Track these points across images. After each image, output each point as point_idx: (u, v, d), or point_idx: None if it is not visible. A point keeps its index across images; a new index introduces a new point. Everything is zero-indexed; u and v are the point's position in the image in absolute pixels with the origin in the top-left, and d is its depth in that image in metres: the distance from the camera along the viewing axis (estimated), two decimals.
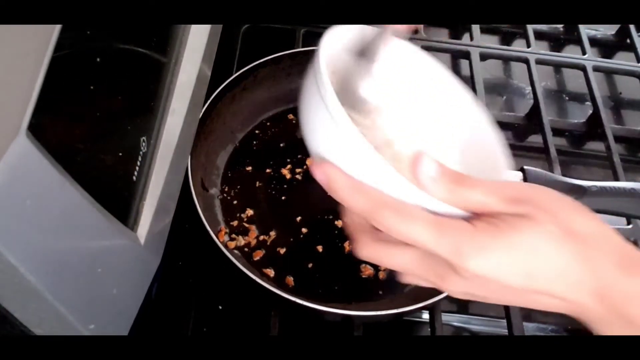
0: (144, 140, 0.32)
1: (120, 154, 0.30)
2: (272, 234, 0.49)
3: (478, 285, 0.27)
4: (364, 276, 0.48)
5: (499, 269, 0.26)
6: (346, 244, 0.49)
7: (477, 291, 0.27)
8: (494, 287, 0.27)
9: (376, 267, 0.49)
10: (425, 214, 0.26)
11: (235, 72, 0.53)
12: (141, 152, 0.31)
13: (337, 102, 0.25)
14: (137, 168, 0.31)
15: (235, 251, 0.48)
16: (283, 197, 0.51)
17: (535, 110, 0.62)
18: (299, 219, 0.50)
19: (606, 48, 0.73)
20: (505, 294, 0.27)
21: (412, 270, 0.28)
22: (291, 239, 0.49)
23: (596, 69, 0.66)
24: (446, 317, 0.48)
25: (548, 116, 0.61)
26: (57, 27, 0.22)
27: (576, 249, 0.26)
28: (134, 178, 0.31)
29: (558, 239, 0.26)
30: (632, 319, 0.26)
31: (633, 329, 0.26)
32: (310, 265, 0.48)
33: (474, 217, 0.27)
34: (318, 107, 0.26)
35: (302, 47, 0.60)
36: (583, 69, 0.65)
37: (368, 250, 0.29)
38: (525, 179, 0.47)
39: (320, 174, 0.27)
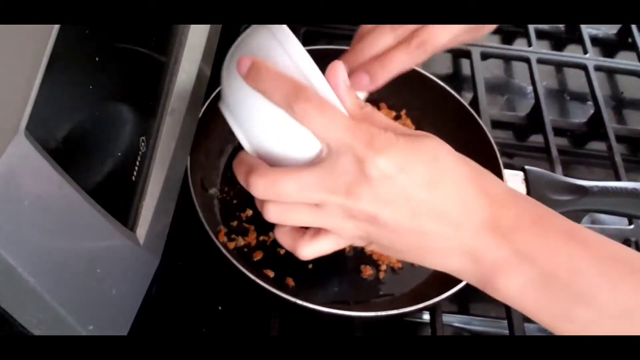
0: (143, 140, 0.32)
1: (120, 153, 0.30)
2: (272, 234, 0.49)
3: (383, 194, 0.26)
4: (364, 277, 0.48)
5: (407, 169, 0.26)
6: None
7: (379, 208, 0.27)
8: (397, 196, 0.26)
9: (377, 268, 0.49)
10: (343, 108, 0.27)
11: None
12: (140, 152, 0.31)
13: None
14: (136, 168, 0.31)
15: (235, 252, 0.48)
16: None
17: (536, 109, 0.61)
18: None
19: (608, 47, 0.73)
20: (406, 212, 0.27)
21: (314, 190, 0.27)
22: None
23: (598, 68, 0.66)
24: (447, 318, 0.47)
25: (549, 116, 0.60)
26: (57, 27, 0.22)
27: (469, 172, 0.28)
28: (133, 178, 0.31)
29: (457, 158, 0.28)
30: (520, 247, 0.26)
31: (535, 272, 0.26)
32: (310, 266, 0.48)
33: None
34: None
35: (303, 46, 0.60)
36: (584, 68, 0.65)
37: (264, 181, 0.28)
38: (526, 179, 0.47)
39: (244, 65, 0.28)
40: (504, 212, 0.27)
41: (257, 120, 0.30)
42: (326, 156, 0.28)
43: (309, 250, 0.30)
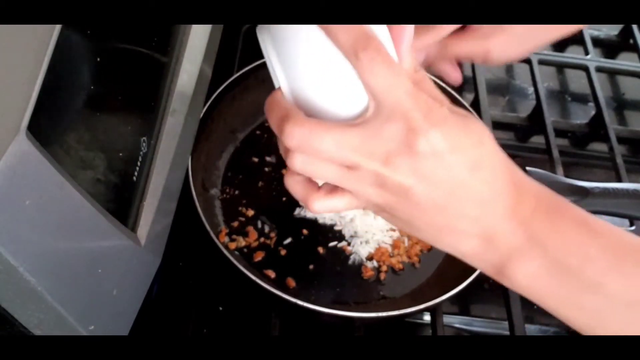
0: (144, 141, 0.32)
1: (121, 154, 0.30)
2: (273, 235, 0.49)
3: (424, 169, 0.26)
4: (365, 277, 0.48)
5: (457, 148, 0.26)
6: (346, 245, 0.49)
7: (416, 185, 0.26)
8: (438, 182, 0.26)
9: (377, 269, 0.49)
10: (405, 71, 0.26)
11: (236, 72, 0.53)
12: (141, 153, 0.31)
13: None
14: (137, 168, 0.31)
15: (236, 252, 0.48)
16: (284, 198, 0.51)
17: (537, 110, 0.61)
18: (300, 220, 0.50)
19: (609, 48, 0.73)
20: (442, 187, 0.26)
21: (352, 152, 0.26)
22: (292, 240, 0.49)
23: (599, 69, 0.65)
24: (447, 319, 0.47)
25: (550, 117, 0.60)
26: (57, 27, 0.22)
27: (506, 162, 0.28)
28: (134, 178, 0.31)
29: (496, 144, 0.27)
30: (535, 232, 0.27)
31: (533, 247, 0.27)
32: (311, 266, 0.48)
33: None
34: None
35: None
36: (586, 69, 0.65)
37: (301, 131, 0.25)
38: None
39: None
40: (525, 200, 0.27)
41: (306, 61, 0.27)
42: (372, 117, 0.26)
43: (322, 205, 0.28)
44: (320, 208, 0.28)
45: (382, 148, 0.25)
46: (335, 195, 0.28)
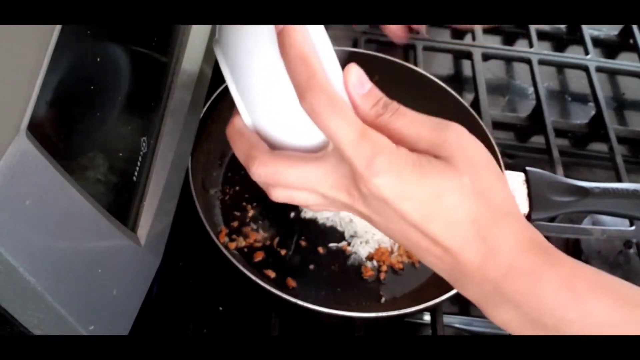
0: (144, 141, 0.32)
1: (121, 154, 0.30)
2: (273, 235, 0.49)
3: (375, 208, 0.26)
4: (365, 277, 0.48)
5: (401, 198, 0.25)
6: (345, 245, 0.49)
7: (372, 214, 0.27)
8: (389, 215, 0.26)
9: (377, 269, 0.49)
10: (355, 116, 0.26)
11: None
12: (141, 153, 0.31)
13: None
14: (137, 168, 0.31)
15: (236, 252, 0.48)
16: None
17: (537, 110, 0.61)
18: (300, 219, 0.50)
19: (609, 48, 0.73)
20: (397, 226, 0.26)
21: (316, 185, 0.27)
22: (292, 240, 0.49)
23: (599, 69, 0.65)
24: (448, 319, 0.47)
25: (550, 117, 0.60)
26: (58, 27, 0.22)
27: (479, 212, 0.26)
28: (134, 178, 0.31)
29: (468, 195, 0.25)
30: (505, 292, 0.26)
31: (503, 301, 0.26)
32: (311, 266, 0.48)
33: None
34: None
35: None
36: (586, 69, 0.65)
37: (266, 170, 0.27)
38: (527, 180, 0.47)
39: (293, 32, 0.25)
40: (495, 262, 0.26)
41: (264, 95, 0.27)
42: (332, 152, 0.27)
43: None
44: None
45: (342, 182, 0.27)
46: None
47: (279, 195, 0.28)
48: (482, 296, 0.27)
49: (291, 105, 0.26)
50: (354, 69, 0.27)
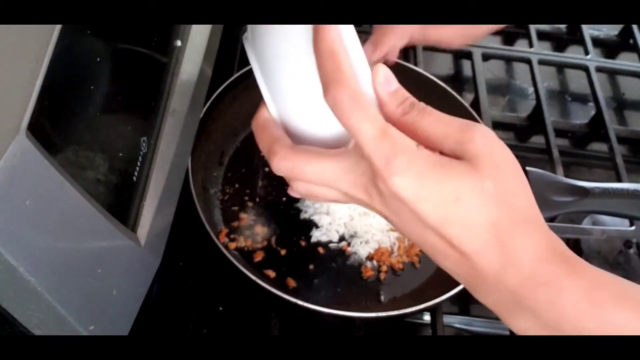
0: (144, 141, 0.32)
1: (121, 154, 0.30)
2: (273, 234, 0.49)
3: (393, 208, 0.26)
4: (365, 277, 0.48)
5: (419, 199, 0.25)
6: (345, 245, 0.49)
7: (390, 214, 0.27)
8: (407, 216, 0.26)
9: (377, 269, 0.49)
10: (378, 114, 0.26)
11: (237, 72, 0.53)
12: (141, 153, 0.31)
13: None
14: (137, 168, 0.31)
15: (236, 252, 0.48)
16: (284, 198, 0.51)
17: (537, 110, 0.61)
18: (300, 219, 0.50)
19: (609, 48, 0.73)
20: (414, 227, 0.26)
21: (334, 182, 0.27)
22: (292, 240, 0.49)
23: (599, 69, 0.65)
24: (448, 319, 0.47)
25: (550, 117, 0.60)
26: (57, 27, 0.22)
27: (499, 217, 0.25)
28: (134, 178, 0.31)
29: (488, 200, 0.25)
30: (524, 301, 0.25)
31: (521, 309, 0.25)
32: (311, 266, 0.48)
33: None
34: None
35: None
36: (586, 69, 0.65)
37: (286, 163, 0.27)
38: (527, 180, 0.47)
39: (327, 28, 0.26)
40: (513, 269, 0.25)
41: (291, 87, 0.28)
42: (352, 149, 0.27)
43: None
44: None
45: (360, 180, 0.27)
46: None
47: (299, 188, 0.29)
48: (500, 304, 0.26)
49: (316, 99, 0.27)
50: (383, 68, 0.27)
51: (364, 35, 0.28)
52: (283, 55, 0.27)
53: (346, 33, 0.26)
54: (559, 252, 0.26)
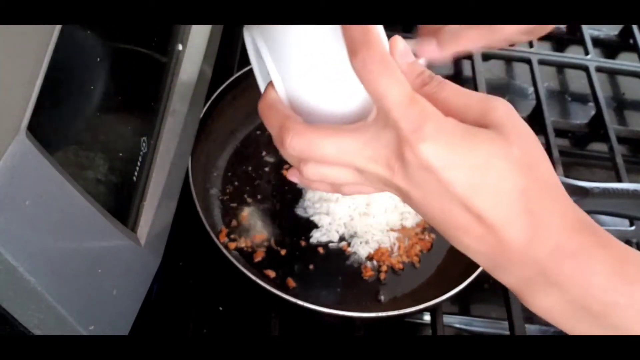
0: (144, 141, 0.32)
1: (121, 154, 0.30)
2: (273, 234, 0.49)
3: (417, 180, 0.25)
4: (365, 277, 0.48)
5: (447, 166, 0.24)
6: (345, 245, 0.49)
7: (412, 188, 0.25)
8: (432, 187, 0.24)
9: (377, 269, 0.49)
10: (402, 77, 0.25)
11: (237, 72, 0.53)
12: (141, 153, 0.31)
13: None
14: (137, 168, 0.31)
15: (236, 252, 0.48)
16: (284, 198, 0.51)
17: (537, 111, 0.61)
18: (300, 219, 0.50)
19: (609, 48, 0.73)
20: (438, 201, 0.25)
21: (354, 156, 0.25)
22: (292, 240, 0.49)
23: (599, 69, 0.65)
24: (448, 319, 0.47)
25: (550, 117, 0.60)
26: (57, 27, 0.22)
27: (528, 184, 0.24)
28: (134, 178, 0.31)
29: (517, 166, 0.24)
30: (550, 274, 0.24)
31: (547, 284, 0.24)
32: (311, 266, 0.48)
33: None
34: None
35: None
36: (586, 69, 0.65)
37: (300, 139, 0.25)
38: None
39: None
40: (542, 241, 0.24)
41: (303, 60, 0.26)
42: (373, 121, 0.26)
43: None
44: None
45: (382, 152, 0.25)
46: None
47: (310, 172, 0.27)
48: (523, 280, 0.25)
49: (331, 71, 0.26)
50: (400, 39, 0.26)
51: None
52: (295, 29, 0.26)
53: None
54: (587, 223, 0.25)
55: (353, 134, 0.26)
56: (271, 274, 0.47)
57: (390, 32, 0.27)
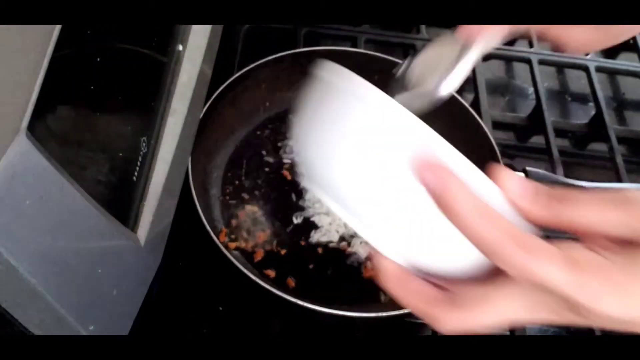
0: (144, 141, 0.32)
1: (121, 154, 0.30)
2: (273, 234, 0.49)
3: (590, 321, 0.23)
4: (365, 277, 0.48)
5: (628, 311, 0.22)
6: (345, 245, 0.49)
7: (578, 320, 0.24)
8: (601, 322, 0.23)
9: None
10: (549, 247, 0.22)
11: (236, 73, 0.53)
12: (141, 153, 0.31)
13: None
14: (137, 168, 0.31)
15: (236, 252, 0.48)
16: (284, 198, 0.51)
17: (537, 111, 0.61)
18: (300, 219, 0.50)
19: (609, 48, 0.73)
20: (598, 323, 0.23)
21: (515, 315, 0.24)
22: (292, 240, 0.49)
23: (599, 69, 0.65)
24: None
25: (550, 117, 0.60)
26: (57, 27, 0.22)
27: None
28: (134, 178, 0.31)
29: None
30: None
31: None
32: (311, 266, 0.48)
33: (581, 242, 0.23)
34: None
35: (304, 47, 0.60)
36: (586, 69, 0.65)
37: (456, 322, 0.24)
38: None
39: (426, 168, 0.22)
40: None
41: (416, 230, 0.23)
42: (509, 279, 0.23)
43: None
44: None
45: (542, 306, 0.24)
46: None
47: (451, 325, 0.25)
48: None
49: (444, 232, 0.23)
50: (507, 173, 0.23)
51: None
52: (393, 190, 0.22)
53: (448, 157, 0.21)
54: None
55: (506, 297, 0.24)
56: (271, 274, 0.47)
57: (390, 32, 0.26)
